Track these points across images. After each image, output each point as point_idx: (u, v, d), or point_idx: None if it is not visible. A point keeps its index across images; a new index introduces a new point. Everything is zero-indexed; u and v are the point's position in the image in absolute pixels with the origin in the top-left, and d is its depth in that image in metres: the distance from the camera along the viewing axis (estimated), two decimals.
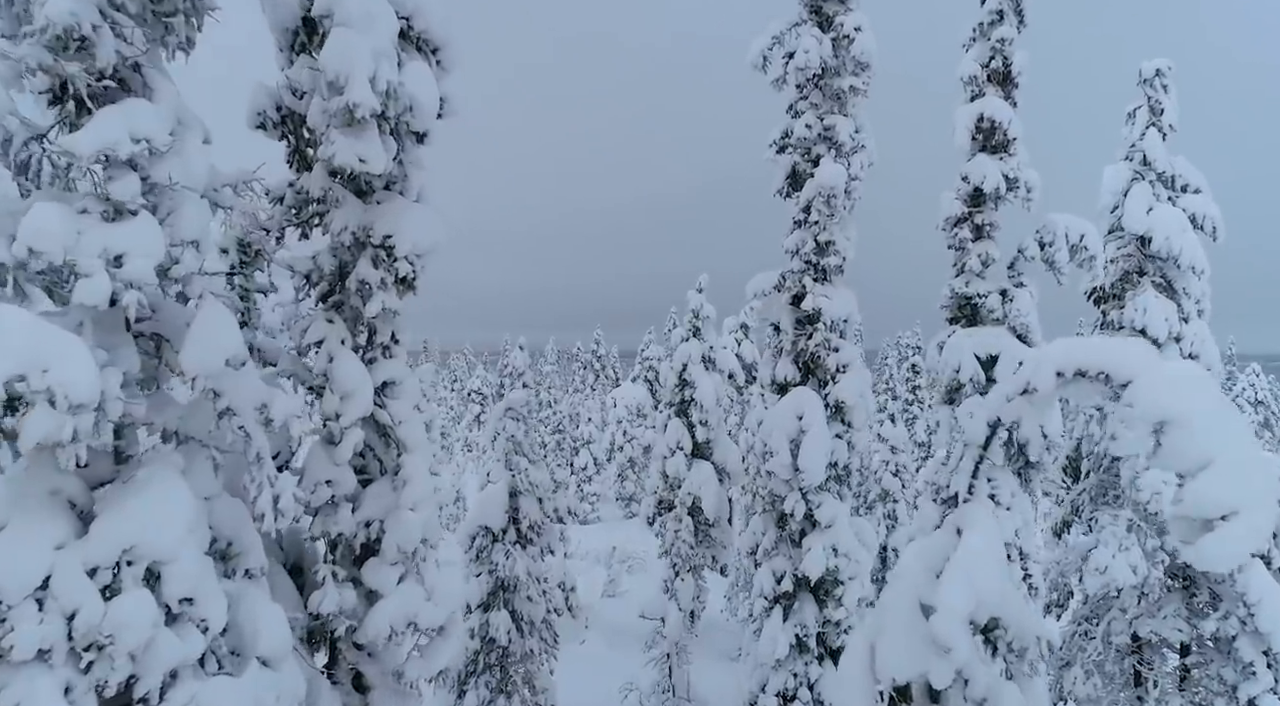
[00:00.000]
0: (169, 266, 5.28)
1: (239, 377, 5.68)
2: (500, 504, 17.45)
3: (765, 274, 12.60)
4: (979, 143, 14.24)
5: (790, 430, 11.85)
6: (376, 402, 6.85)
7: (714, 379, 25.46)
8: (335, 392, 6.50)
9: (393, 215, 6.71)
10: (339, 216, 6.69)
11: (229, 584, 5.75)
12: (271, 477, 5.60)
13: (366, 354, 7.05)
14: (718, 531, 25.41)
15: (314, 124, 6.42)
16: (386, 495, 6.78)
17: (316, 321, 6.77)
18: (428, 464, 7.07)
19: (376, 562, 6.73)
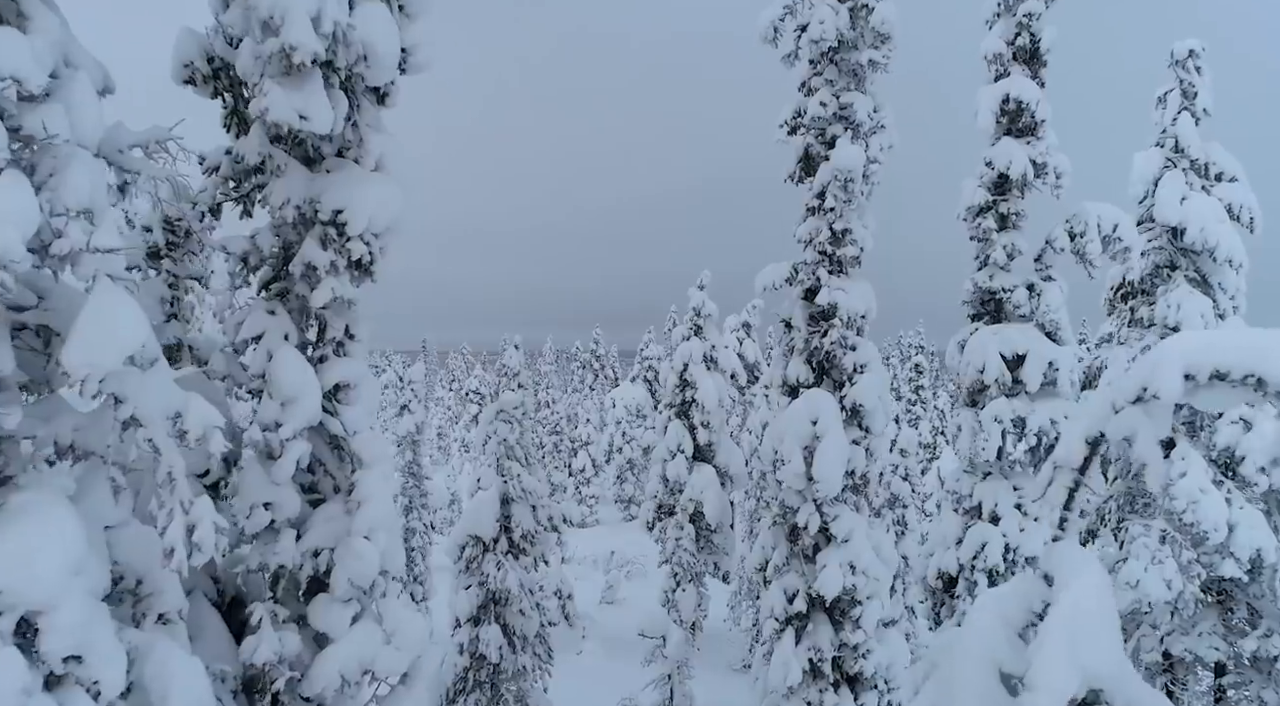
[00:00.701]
0: (49, 240, 4.15)
1: (147, 380, 4.55)
2: (491, 511, 16.32)
3: (776, 265, 11.47)
4: (1004, 125, 13.11)
5: (804, 436, 10.72)
6: (326, 409, 5.73)
7: (716, 379, 24.31)
8: (275, 397, 5.38)
9: (345, 187, 5.58)
10: (280, 188, 5.56)
11: (135, 634, 4.62)
12: (185, 502, 4.48)
13: (315, 351, 5.92)
14: (720, 537, 24.27)
15: (245, 73, 5.30)
16: (338, 519, 5.66)
17: (254, 313, 5.64)
18: (389, 481, 5.95)
19: (326, 600, 5.60)
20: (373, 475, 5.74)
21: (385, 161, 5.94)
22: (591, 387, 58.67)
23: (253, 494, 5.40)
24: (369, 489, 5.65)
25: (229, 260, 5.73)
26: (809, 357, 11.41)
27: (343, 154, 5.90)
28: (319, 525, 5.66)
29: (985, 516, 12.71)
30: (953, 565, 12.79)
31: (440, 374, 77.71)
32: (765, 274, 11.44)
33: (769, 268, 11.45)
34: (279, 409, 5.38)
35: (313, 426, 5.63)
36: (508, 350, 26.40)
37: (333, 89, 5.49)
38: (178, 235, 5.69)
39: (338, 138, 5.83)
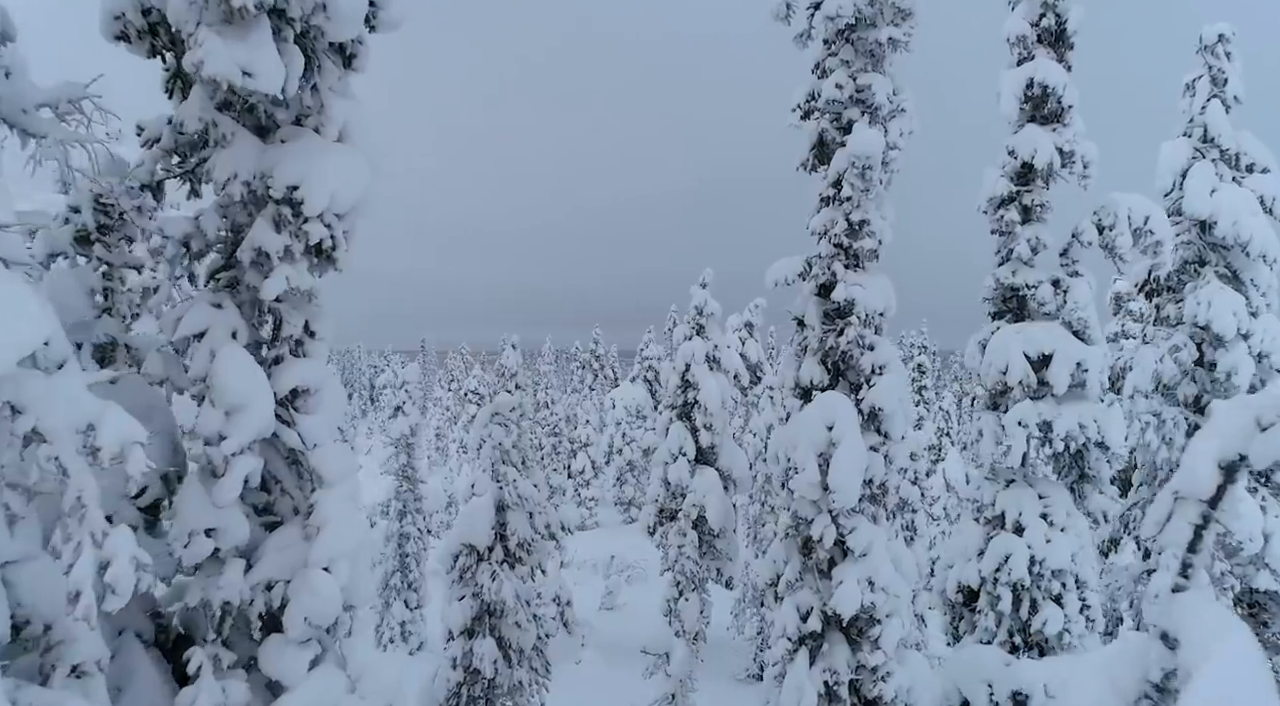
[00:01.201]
0: None
1: (52, 386, 3.72)
2: (486, 519, 15.48)
3: (787, 260, 10.64)
4: (1028, 112, 12.28)
5: (818, 442, 9.89)
6: (282, 418, 4.91)
7: (719, 380, 23.48)
8: (218, 405, 4.55)
9: (302, 159, 4.75)
10: (225, 160, 4.73)
11: (36, 694, 3.79)
12: (96, 534, 3.66)
13: (269, 351, 5.10)
14: (723, 542, 23.44)
15: (179, 21, 4.46)
16: (295, 546, 4.83)
17: (196, 306, 4.80)
18: (354, 500, 5.13)
19: (279, 641, 4.76)
20: (335, 495, 4.90)
21: (351, 131, 5.11)
22: (591, 388, 57.82)
23: (192, 518, 4.57)
24: (330, 511, 4.82)
25: (168, 245, 4.90)
26: (823, 358, 10.57)
27: (301, 122, 5.06)
28: (272, 554, 4.83)
29: (1009, 527, 11.87)
30: (974, 578, 11.96)
31: (439, 374, 76.89)
32: (777, 268, 10.60)
33: (780, 262, 10.61)
34: (223, 418, 4.56)
35: (265, 438, 4.81)
36: (505, 350, 25.57)
37: (286, 43, 4.66)
38: (110, 216, 4.87)
39: (295, 103, 5.00)
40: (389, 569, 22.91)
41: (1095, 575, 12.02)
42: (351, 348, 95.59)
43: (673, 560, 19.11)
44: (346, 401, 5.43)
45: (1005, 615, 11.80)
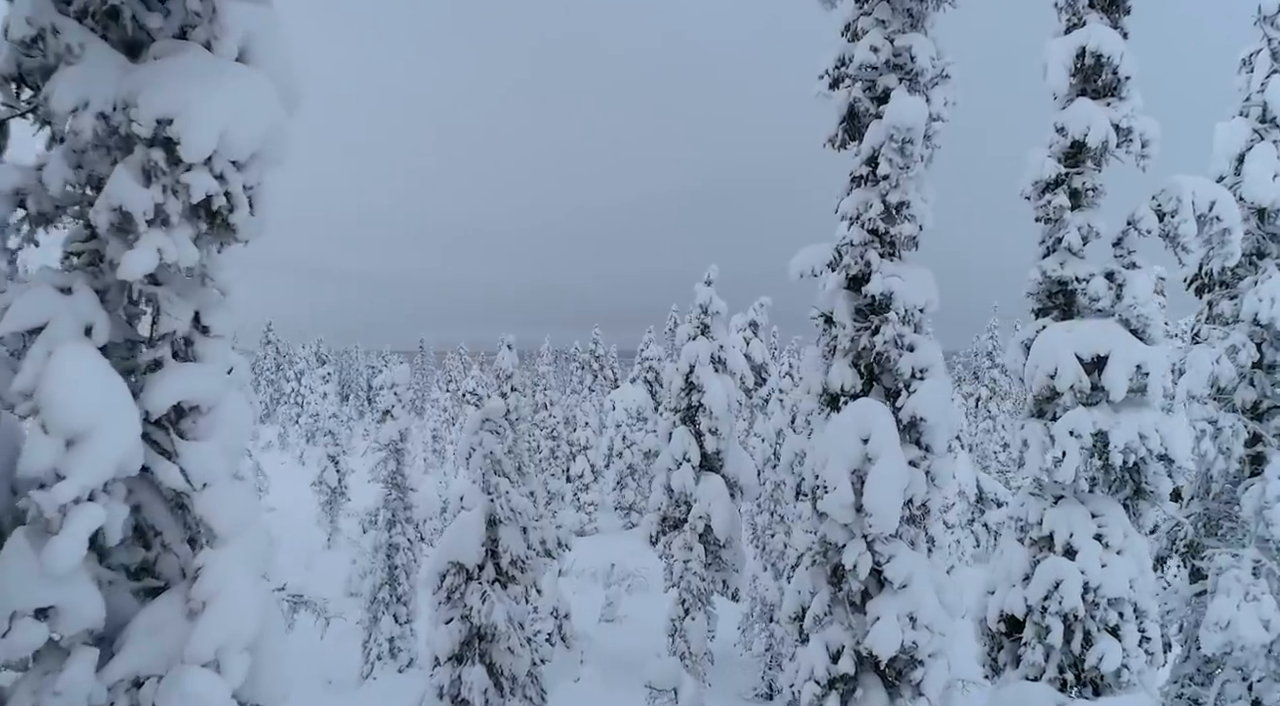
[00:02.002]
0: None
1: None
2: (476, 535, 14.05)
3: (814, 247, 9.23)
4: (1078, 84, 10.88)
5: (852, 457, 8.47)
6: (159, 446, 3.53)
7: (725, 382, 22.04)
8: (52, 431, 3.15)
9: (180, 83, 3.35)
10: (71, 83, 3.34)
11: None
12: None
13: (140, 354, 3.71)
14: (729, 553, 22.02)
15: None
16: (172, 626, 3.44)
17: (32, 291, 3.41)
18: (260, 561, 3.73)
19: None
20: (230, 556, 3.50)
21: (256, 48, 3.71)
22: (591, 389, 56.36)
23: (15, 593, 3.17)
24: (221, 578, 3.42)
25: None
26: (855, 360, 9.15)
27: (186, 35, 3.67)
28: (143, 637, 3.42)
29: (1058, 549, 10.47)
30: (1019, 606, 10.54)
31: (437, 375, 75.46)
32: (802, 258, 9.18)
33: (806, 250, 9.20)
34: (59, 449, 3.16)
35: (134, 475, 3.41)
36: (500, 350, 24.23)
37: None
38: None
39: (177, 7, 3.61)
40: (377, 582, 21.47)
41: (1155, 603, 10.61)
42: (349, 348, 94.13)
43: (678, 576, 17.69)
44: (254, 422, 4.00)
45: (1055, 648, 10.39)
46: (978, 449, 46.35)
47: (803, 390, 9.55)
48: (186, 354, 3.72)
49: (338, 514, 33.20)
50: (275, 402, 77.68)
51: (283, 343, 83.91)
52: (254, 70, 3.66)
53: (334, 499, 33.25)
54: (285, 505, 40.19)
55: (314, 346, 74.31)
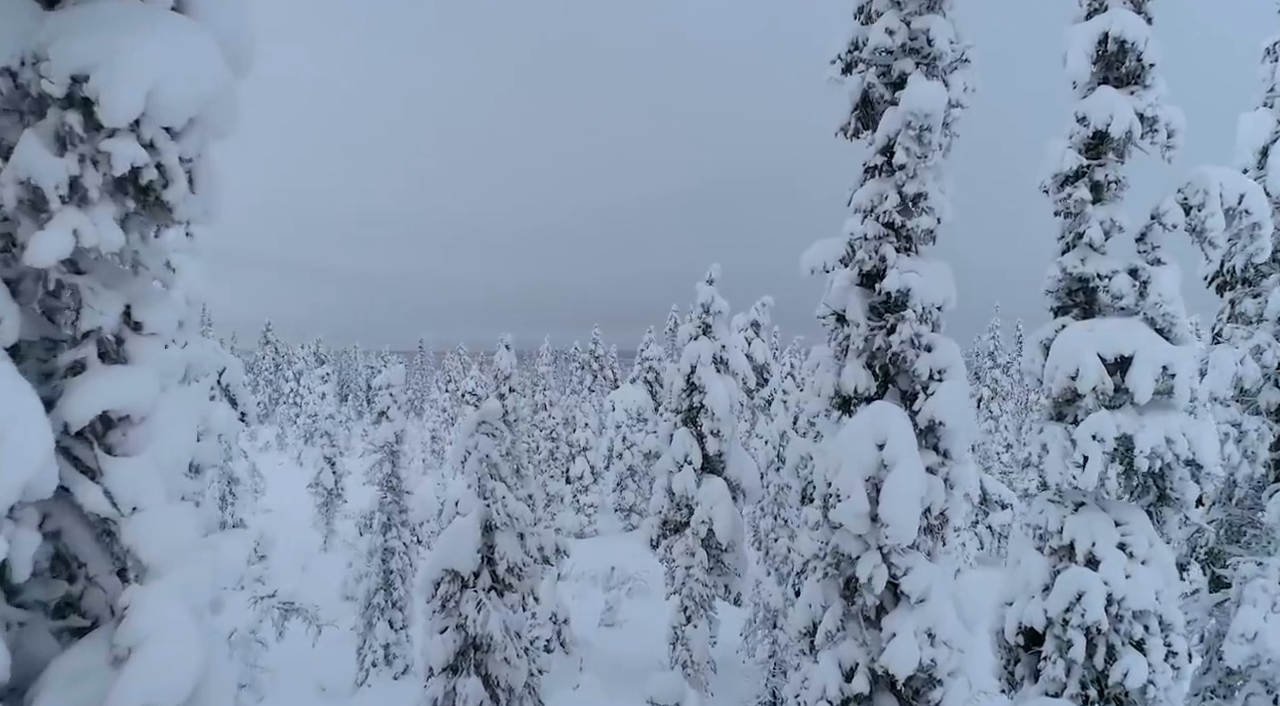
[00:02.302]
0: None
1: None
2: (471, 541, 13.53)
3: (826, 242, 8.70)
4: (1100, 72, 10.36)
5: (866, 464, 7.95)
6: (80, 462, 3.02)
7: (727, 382, 21.54)
8: None
9: (100, 32, 2.84)
10: None
11: None
12: None
13: (60, 355, 3.18)
14: (731, 557, 21.51)
15: None
16: (96, 674, 2.91)
17: None
18: (203, 594, 3.20)
19: None
20: (164, 591, 2.96)
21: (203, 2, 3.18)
22: (591, 389, 55.83)
23: None
24: (153, 618, 2.89)
25: None
26: (870, 361, 8.63)
27: None
28: (59, 687, 2.88)
29: (1080, 558, 9.95)
30: (1039, 618, 10.02)
31: (436, 375, 74.94)
32: (813, 253, 8.66)
33: (818, 245, 8.67)
34: None
35: (47, 498, 2.88)
36: (498, 350, 23.72)
37: None
38: None
39: None
40: (372, 586, 20.94)
41: (1181, 615, 10.09)
42: (348, 348, 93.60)
43: (680, 582, 17.16)
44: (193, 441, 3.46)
45: (1077, 663, 9.86)
46: (980, 450, 45.83)
47: (811, 391, 9.02)
48: (116, 355, 3.20)
49: (334, 516, 32.68)
50: (274, 403, 77.15)
51: (281, 342, 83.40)
52: (191, 22, 3.14)
53: (330, 501, 32.72)
54: (282, 507, 39.71)
55: (313, 346, 73.75)
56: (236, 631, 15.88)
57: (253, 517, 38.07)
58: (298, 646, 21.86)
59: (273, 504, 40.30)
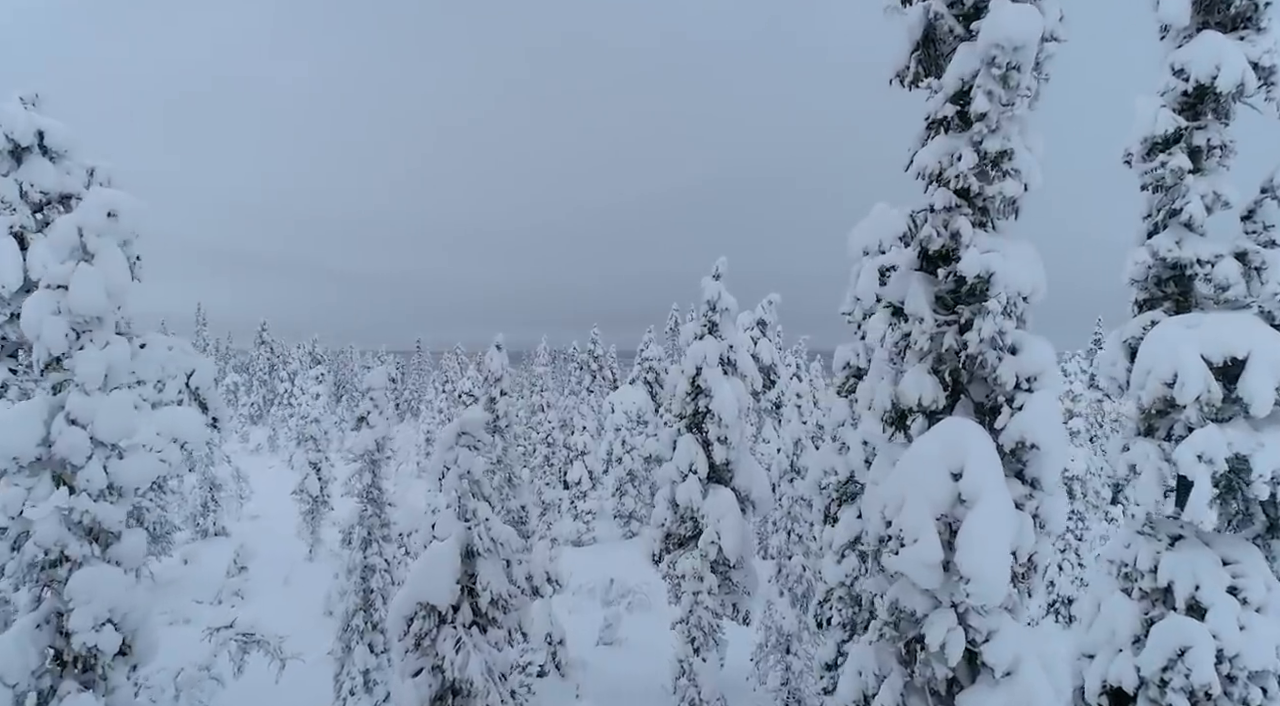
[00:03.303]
0: None
1: None
2: (449, 570, 11.64)
3: (883, 213, 6.89)
4: (1202, 15, 8.49)
5: (939, 499, 6.07)
6: None
7: (735, 385, 19.63)
8: None
9: None
10: None
11: None
12: None
13: None
14: (740, 574, 19.60)
15: None
16: None
17: None
18: None
19: None
20: None
21: None
22: (590, 390, 53.91)
23: None
24: None
25: None
26: (937, 365, 6.74)
27: None
28: None
29: (1180, 605, 8.07)
30: (1129, 676, 8.14)
31: (434, 375, 73.04)
32: (866, 229, 6.84)
33: (871, 218, 6.86)
34: None
35: None
36: (489, 350, 21.87)
37: None
38: None
39: None
40: (350, 607, 19.01)
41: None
42: (344, 348, 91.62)
43: (686, 609, 15.26)
44: None
45: None
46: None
47: (867, 404, 7.10)
48: None
49: (319, 524, 30.76)
50: (268, 404, 75.21)
51: (277, 343, 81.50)
52: None
53: (316, 508, 30.80)
54: (270, 513, 37.76)
55: (309, 346, 71.82)
56: (183, 671, 13.97)
57: (237, 524, 36.15)
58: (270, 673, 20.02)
59: (260, 509, 38.37)
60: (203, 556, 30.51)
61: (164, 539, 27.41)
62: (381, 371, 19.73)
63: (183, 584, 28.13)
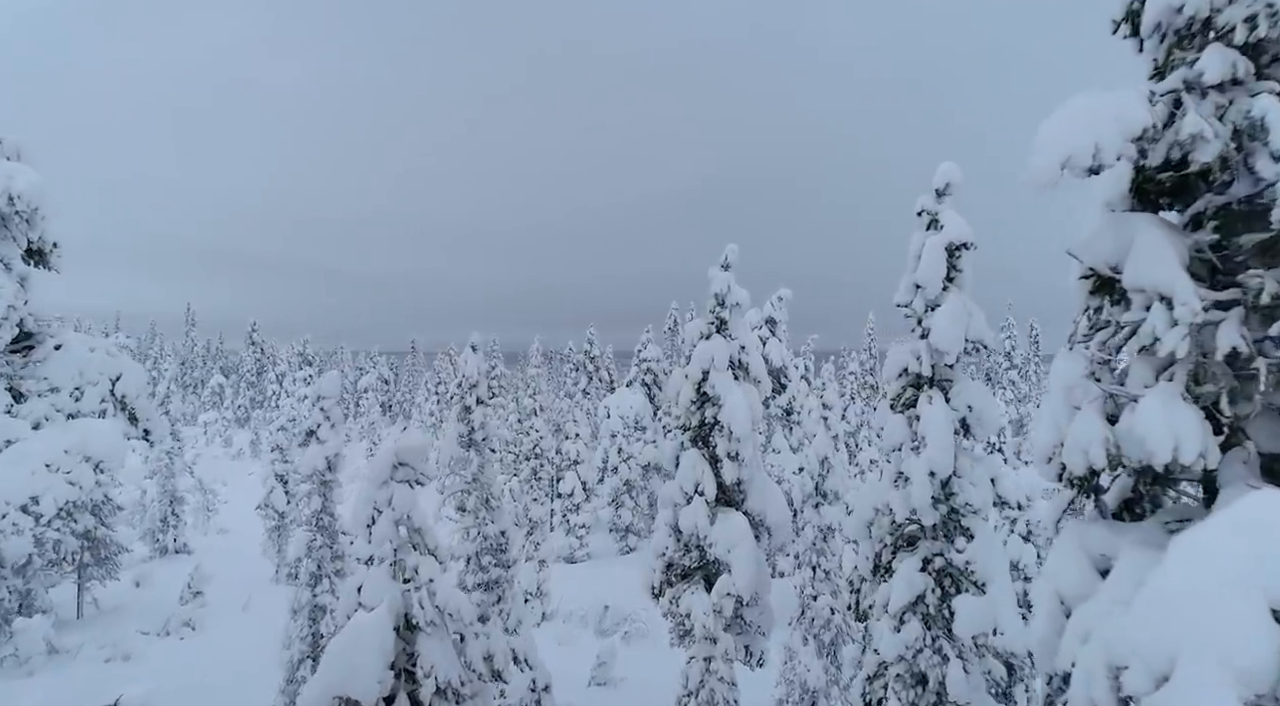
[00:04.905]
0: None
1: None
2: (378, 650, 8.38)
3: (1088, 108, 3.50)
4: None
5: (1254, 666, 2.79)
6: None
7: (748, 391, 16.37)
8: None
9: None
10: None
11: None
12: None
13: None
14: (754, 612, 16.37)
15: None
16: None
17: None
18: None
19: None
20: None
21: None
22: (586, 392, 50.64)
23: None
24: None
25: None
26: (1193, 384, 3.43)
27: None
28: None
29: None
30: None
31: (426, 376, 69.77)
32: (1068, 128, 3.46)
33: (1074, 111, 3.46)
34: None
35: None
36: (464, 352, 18.81)
37: None
38: None
39: None
40: (295, 656, 15.78)
41: None
42: (335, 348, 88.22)
43: (695, 682, 12.00)
44: None
45: None
46: None
47: (1038, 451, 3.86)
48: None
49: (286, 542, 27.53)
50: (255, 406, 71.83)
51: (268, 343, 78.19)
52: None
53: (283, 525, 27.56)
54: (239, 528, 34.43)
55: (300, 347, 68.45)
56: None
57: (204, 539, 32.88)
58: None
59: (230, 523, 35.07)
60: (158, 577, 27.23)
61: (109, 561, 24.14)
62: (333, 376, 16.47)
63: (130, 610, 24.85)
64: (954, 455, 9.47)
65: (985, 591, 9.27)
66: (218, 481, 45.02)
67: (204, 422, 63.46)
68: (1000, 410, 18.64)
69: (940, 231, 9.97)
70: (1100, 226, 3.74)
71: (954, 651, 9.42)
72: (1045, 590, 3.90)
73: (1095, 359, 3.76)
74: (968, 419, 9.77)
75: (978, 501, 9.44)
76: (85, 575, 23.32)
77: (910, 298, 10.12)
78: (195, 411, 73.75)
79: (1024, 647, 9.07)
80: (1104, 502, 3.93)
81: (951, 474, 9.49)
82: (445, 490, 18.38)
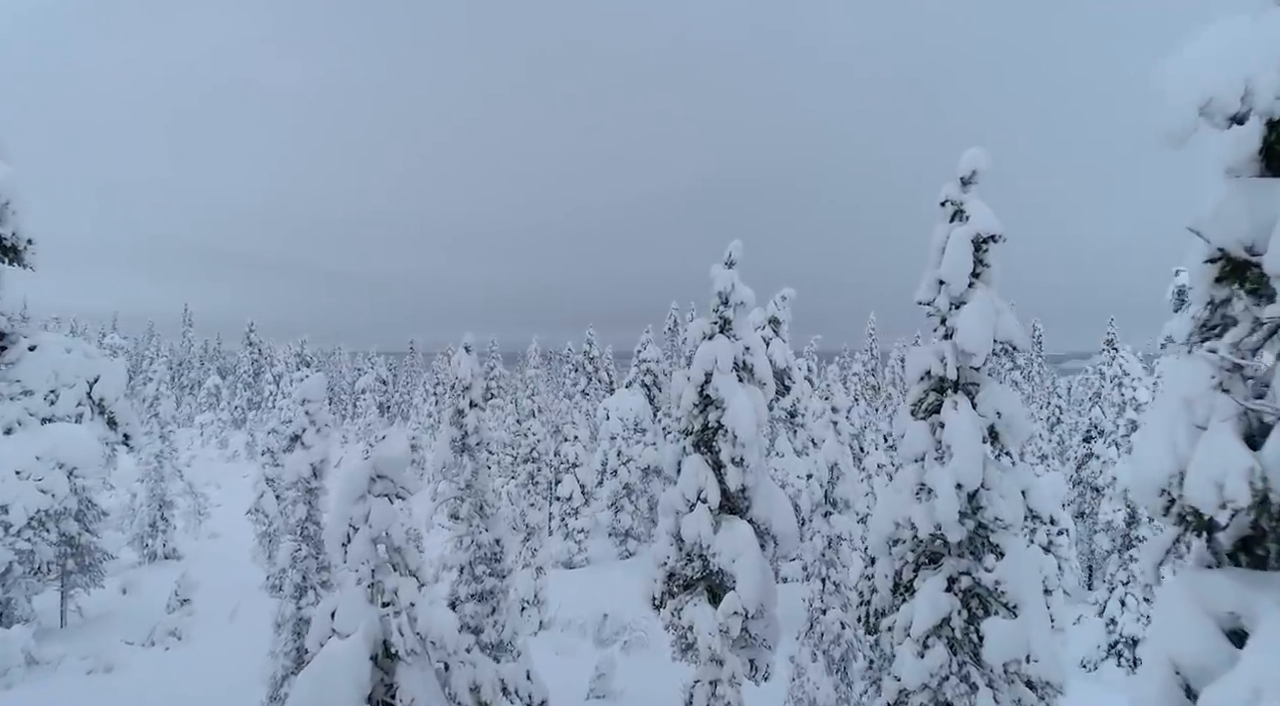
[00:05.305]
0: None
1: None
2: (353, 683, 7.57)
3: (1231, 31, 2.67)
4: None
5: None
6: None
7: (753, 394, 15.57)
8: None
9: None
10: None
11: None
12: None
13: None
14: (760, 624, 15.57)
15: None
16: None
17: None
18: None
19: None
20: None
21: None
22: (585, 393, 49.84)
23: None
24: None
25: None
26: None
27: None
28: None
29: None
30: None
31: (424, 376, 68.95)
32: (1208, 62, 2.62)
33: (1221, 36, 2.62)
34: None
35: None
36: (457, 354, 18.06)
37: None
38: None
39: None
40: (279, 672, 14.97)
41: None
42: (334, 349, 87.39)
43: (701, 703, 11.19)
44: None
45: None
46: None
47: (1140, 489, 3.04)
48: None
49: (277, 548, 26.70)
50: (252, 408, 70.97)
51: (265, 344, 77.34)
52: None
53: (273, 531, 26.74)
54: (231, 532, 33.59)
55: (298, 347, 67.61)
56: None
57: (194, 544, 32.05)
58: None
59: (222, 527, 34.24)
60: (145, 585, 26.41)
61: (94, 569, 23.31)
62: (318, 378, 15.65)
63: (116, 619, 24.01)
64: (982, 465, 8.67)
65: (1017, 614, 8.46)
66: (212, 484, 44.19)
67: (200, 424, 62.63)
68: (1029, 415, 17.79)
69: (966, 223, 9.17)
70: (1228, 197, 2.95)
71: (983, 679, 8.61)
72: (1157, 655, 3.10)
73: (1224, 364, 2.99)
74: (996, 426, 8.96)
75: (1008, 516, 8.63)
76: (69, 583, 22.49)
77: (933, 295, 9.31)
78: (192, 412, 72.92)
79: (1060, 676, 8.25)
80: (1219, 542, 3.15)
81: (980, 486, 8.69)
82: (438, 497, 17.57)
